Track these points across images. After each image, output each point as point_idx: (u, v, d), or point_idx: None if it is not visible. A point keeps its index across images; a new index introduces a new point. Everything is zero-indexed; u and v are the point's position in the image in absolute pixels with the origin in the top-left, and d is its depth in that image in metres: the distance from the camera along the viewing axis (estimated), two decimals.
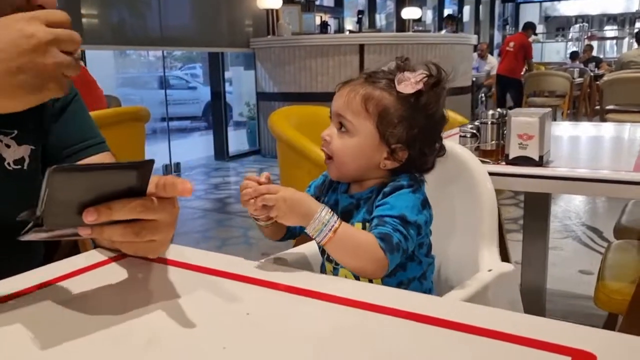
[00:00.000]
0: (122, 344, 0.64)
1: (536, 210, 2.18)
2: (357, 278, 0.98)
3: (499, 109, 1.74)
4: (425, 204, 1.00)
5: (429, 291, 1.06)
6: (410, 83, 0.99)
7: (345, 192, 1.07)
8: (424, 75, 1.00)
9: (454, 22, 9.15)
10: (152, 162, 0.70)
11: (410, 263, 1.01)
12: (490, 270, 1.06)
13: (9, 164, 0.94)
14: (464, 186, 1.22)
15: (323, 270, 1.08)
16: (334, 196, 1.09)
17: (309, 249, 1.16)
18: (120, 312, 0.72)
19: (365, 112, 1.00)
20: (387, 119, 1.00)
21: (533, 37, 9.51)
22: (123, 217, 0.70)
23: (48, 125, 1.01)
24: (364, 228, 1.00)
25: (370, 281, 0.98)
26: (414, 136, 1.01)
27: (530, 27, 8.99)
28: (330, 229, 0.90)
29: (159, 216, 0.74)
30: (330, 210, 0.93)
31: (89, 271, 0.85)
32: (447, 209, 1.23)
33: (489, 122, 1.69)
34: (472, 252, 1.15)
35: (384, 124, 1.00)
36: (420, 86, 0.99)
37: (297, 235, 1.07)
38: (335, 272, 1.03)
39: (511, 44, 8.65)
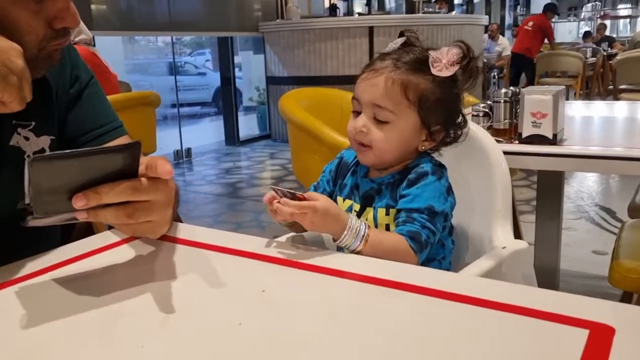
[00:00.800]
0: (138, 322, 0.64)
1: (549, 190, 2.16)
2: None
3: (511, 88, 1.72)
4: (449, 191, 1.01)
5: (447, 269, 1.06)
6: (445, 65, 0.98)
7: (364, 176, 1.07)
8: (457, 56, 0.98)
9: (446, 3, 8.95)
10: (138, 143, 0.70)
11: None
12: (504, 248, 1.06)
13: (28, 155, 0.94)
14: (479, 165, 1.21)
15: (340, 248, 1.08)
16: (352, 179, 1.09)
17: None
18: (136, 290, 0.72)
19: (406, 101, 0.98)
20: (427, 104, 0.99)
21: None
22: (113, 200, 0.70)
23: (65, 113, 1.01)
24: (387, 214, 1.01)
25: None
26: (450, 115, 1.03)
27: (550, 9, 8.91)
28: (362, 240, 0.91)
29: (152, 197, 0.73)
30: (357, 218, 0.94)
31: (103, 252, 0.86)
32: (462, 188, 1.23)
33: (502, 101, 1.67)
34: (486, 230, 1.15)
35: (425, 109, 0.99)
36: (456, 68, 0.98)
37: None
38: None
39: (530, 23, 8.58)
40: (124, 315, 0.66)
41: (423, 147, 1.03)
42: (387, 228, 1.01)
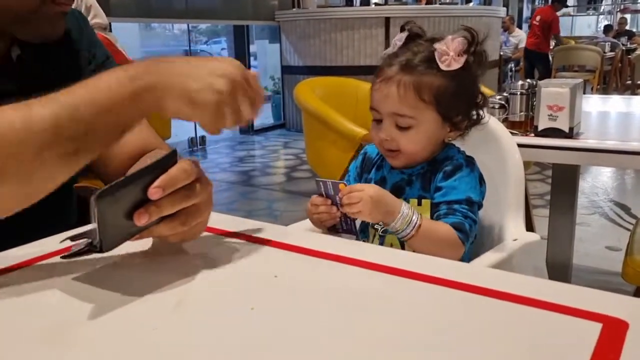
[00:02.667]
0: (151, 305, 0.65)
1: (564, 184, 2.15)
2: (402, 246, 1.00)
3: (528, 80, 1.71)
4: (482, 181, 1.04)
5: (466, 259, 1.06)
6: (452, 58, 0.98)
7: (392, 168, 1.08)
8: (463, 45, 0.98)
9: None
10: (175, 152, 0.73)
11: None
12: (515, 240, 1.06)
13: None
14: (492, 156, 1.20)
15: (365, 237, 1.09)
16: (379, 173, 1.10)
17: None
18: (149, 274, 0.73)
19: (422, 103, 1.00)
20: (444, 100, 1.00)
21: (564, 10, 9.23)
22: (172, 211, 0.71)
23: None
24: (419, 204, 1.02)
25: (403, 247, 0.99)
26: (469, 103, 1.04)
27: (559, 1, 8.73)
28: (414, 226, 0.93)
29: (200, 198, 0.74)
30: (409, 205, 0.96)
31: None
32: None
33: (518, 93, 1.66)
34: (498, 221, 1.15)
35: (443, 105, 1.00)
36: (463, 59, 0.98)
37: None
38: (380, 241, 1.04)
39: (538, 17, 8.46)
40: (137, 298, 0.66)
41: (449, 138, 1.05)
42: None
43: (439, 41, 1.00)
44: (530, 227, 2.71)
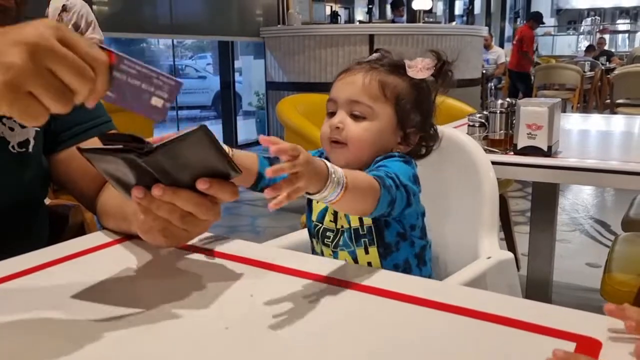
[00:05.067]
0: (123, 323, 0.64)
1: (544, 202, 2.16)
2: (355, 262, 0.99)
3: (507, 99, 1.73)
4: (416, 179, 0.98)
5: (428, 277, 1.06)
6: (420, 69, 1.01)
7: None
8: (431, 62, 1.02)
9: (401, 10, 8.61)
10: (202, 128, 0.66)
11: (402, 242, 1.01)
12: (489, 258, 1.06)
13: (13, 147, 0.93)
14: (467, 174, 1.21)
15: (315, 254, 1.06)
16: None
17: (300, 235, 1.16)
18: (122, 291, 0.72)
19: (383, 97, 1.00)
20: (402, 104, 1.01)
21: (545, 30, 9.34)
22: (183, 207, 0.70)
23: None
24: None
25: (369, 264, 0.98)
26: (424, 120, 1.04)
27: (533, 17, 8.75)
28: (342, 187, 0.76)
29: (211, 217, 0.73)
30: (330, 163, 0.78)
31: (94, 252, 0.86)
32: (449, 197, 1.23)
33: (498, 112, 1.68)
34: (472, 239, 1.15)
35: (401, 108, 1.01)
36: (430, 72, 1.01)
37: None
38: (334, 256, 1.03)
39: (517, 37, 8.56)
40: (108, 317, 0.65)
41: (398, 150, 1.02)
42: (362, 223, 0.99)
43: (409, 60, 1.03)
44: (511, 243, 2.73)
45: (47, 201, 1.09)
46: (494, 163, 1.22)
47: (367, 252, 1.00)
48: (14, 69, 0.53)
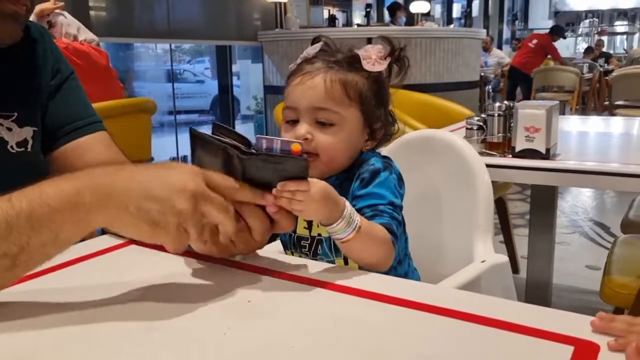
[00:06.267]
0: (122, 328, 0.64)
1: (543, 204, 2.16)
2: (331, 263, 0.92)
3: (505, 102, 1.73)
4: (400, 182, 0.97)
5: (412, 271, 1.04)
6: (375, 60, 0.95)
7: None
8: (382, 50, 0.97)
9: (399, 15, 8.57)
10: (306, 159, 0.73)
11: None
12: (483, 262, 1.06)
13: (12, 147, 0.94)
14: (462, 178, 1.21)
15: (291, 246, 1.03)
16: None
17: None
18: (121, 297, 0.72)
19: (347, 100, 0.94)
20: (366, 101, 0.96)
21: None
22: (248, 219, 0.75)
23: (46, 105, 1.01)
24: None
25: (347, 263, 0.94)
26: (386, 112, 1.00)
27: (557, 32, 8.93)
28: (355, 227, 0.80)
29: (262, 239, 0.78)
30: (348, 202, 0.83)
31: (91, 259, 0.86)
32: (444, 200, 1.23)
33: (496, 114, 1.67)
34: (467, 243, 1.15)
35: (366, 107, 0.96)
36: (387, 62, 0.96)
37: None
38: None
39: (534, 41, 8.61)
40: (107, 322, 0.65)
41: (367, 148, 0.99)
42: None
43: (357, 49, 0.98)
44: (510, 246, 2.73)
45: None
46: (492, 166, 1.22)
47: (346, 263, 0.94)
48: (184, 214, 0.66)
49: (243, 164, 0.72)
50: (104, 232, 0.95)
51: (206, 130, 0.78)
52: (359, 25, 8.62)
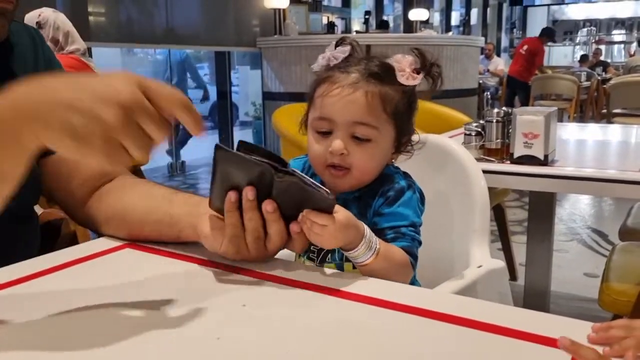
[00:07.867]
0: (114, 333, 0.63)
1: (541, 211, 2.16)
2: (340, 269, 0.94)
3: (504, 108, 1.73)
4: (422, 199, 0.97)
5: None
6: (409, 74, 0.94)
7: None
8: (414, 63, 0.95)
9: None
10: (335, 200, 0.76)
11: None
12: (479, 267, 1.06)
13: None
14: (458, 183, 1.21)
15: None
16: None
17: None
18: (114, 301, 0.71)
19: (385, 115, 0.92)
20: (399, 115, 0.94)
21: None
22: (269, 229, 0.77)
23: None
24: None
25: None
26: (412, 125, 0.98)
27: (547, 34, 8.92)
28: (375, 251, 0.81)
29: (275, 250, 0.80)
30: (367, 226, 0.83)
31: (89, 260, 0.85)
32: (440, 206, 1.22)
33: (494, 121, 1.67)
34: (463, 248, 1.15)
35: (399, 121, 0.95)
36: (420, 77, 0.94)
37: None
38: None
39: (525, 47, 8.63)
40: (99, 327, 0.64)
41: (393, 160, 0.99)
42: None
43: (385, 58, 0.96)
44: (508, 253, 2.72)
45: (39, 210, 1.08)
46: (490, 172, 1.22)
47: (354, 267, 0.90)
48: (111, 126, 0.59)
49: (279, 180, 0.74)
50: (99, 235, 0.95)
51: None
52: (357, 32, 8.64)
